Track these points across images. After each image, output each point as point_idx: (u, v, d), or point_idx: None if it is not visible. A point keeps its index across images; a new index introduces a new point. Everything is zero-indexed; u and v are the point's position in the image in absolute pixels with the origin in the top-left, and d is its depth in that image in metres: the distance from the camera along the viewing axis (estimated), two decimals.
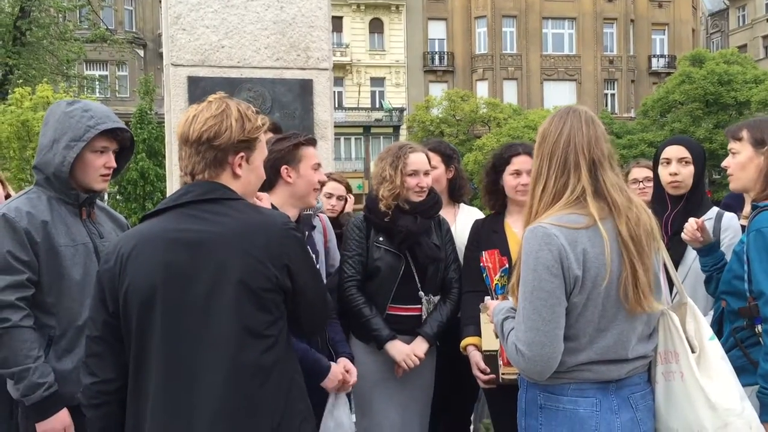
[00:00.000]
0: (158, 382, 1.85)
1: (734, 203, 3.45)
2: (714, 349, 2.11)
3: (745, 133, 2.71)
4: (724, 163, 2.79)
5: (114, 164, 2.74)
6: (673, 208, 3.17)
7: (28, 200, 2.61)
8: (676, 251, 2.95)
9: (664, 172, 3.23)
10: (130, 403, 1.91)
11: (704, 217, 3.05)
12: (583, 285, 1.99)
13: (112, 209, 3.03)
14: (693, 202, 3.17)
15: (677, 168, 3.18)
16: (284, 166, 2.71)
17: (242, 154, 2.00)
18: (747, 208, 2.80)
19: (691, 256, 3.03)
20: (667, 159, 3.23)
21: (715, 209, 3.15)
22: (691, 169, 3.18)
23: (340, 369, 2.77)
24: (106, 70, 32.71)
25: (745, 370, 2.30)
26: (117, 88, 29.57)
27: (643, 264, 2.02)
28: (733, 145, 2.76)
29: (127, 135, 2.78)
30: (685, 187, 3.18)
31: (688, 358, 2.06)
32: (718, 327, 2.54)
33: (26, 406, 2.50)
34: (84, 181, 2.67)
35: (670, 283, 2.29)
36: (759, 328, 2.35)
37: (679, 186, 3.18)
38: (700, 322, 2.15)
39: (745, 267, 2.41)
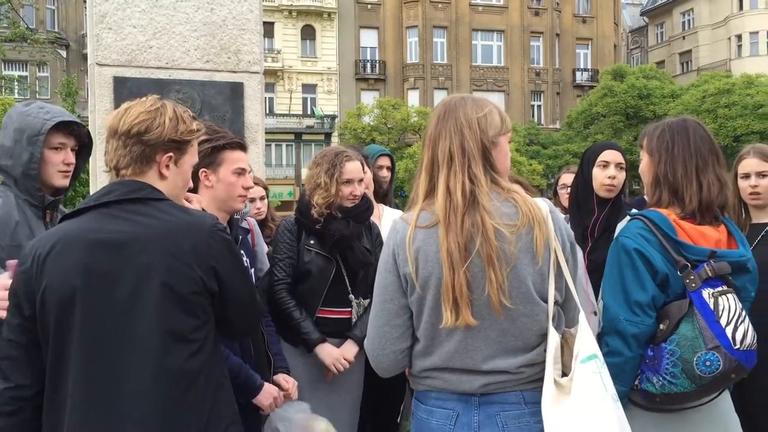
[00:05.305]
0: (77, 388, 1.78)
1: (638, 207, 3.58)
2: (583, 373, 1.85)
3: (644, 141, 2.67)
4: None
5: (72, 160, 2.74)
6: (600, 212, 3.23)
7: None
8: (601, 254, 3.03)
9: (601, 175, 3.25)
10: (47, 409, 1.84)
11: (620, 224, 3.15)
12: (415, 284, 1.87)
13: None
14: (617, 206, 3.25)
15: (615, 172, 3.24)
16: (202, 169, 2.60)
17: (171, 154, 1.96)
18: None
19: None
20: (605, 162, 3.27)
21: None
22: (624, 174, 3.27)
23: (275, 388, 2.71)
24: (26, 71, 31.45)
25: None
26: (37, 90, 28.50)
27: (458, 275, 1.80)
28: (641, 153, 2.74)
29: (84, 131, 2.79)
30: (616, 191, 3.27)
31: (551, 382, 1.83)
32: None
33: None
34: (44, 177, 2.68)
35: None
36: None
37: (613, 190, 3.25)
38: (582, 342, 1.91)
39: None
